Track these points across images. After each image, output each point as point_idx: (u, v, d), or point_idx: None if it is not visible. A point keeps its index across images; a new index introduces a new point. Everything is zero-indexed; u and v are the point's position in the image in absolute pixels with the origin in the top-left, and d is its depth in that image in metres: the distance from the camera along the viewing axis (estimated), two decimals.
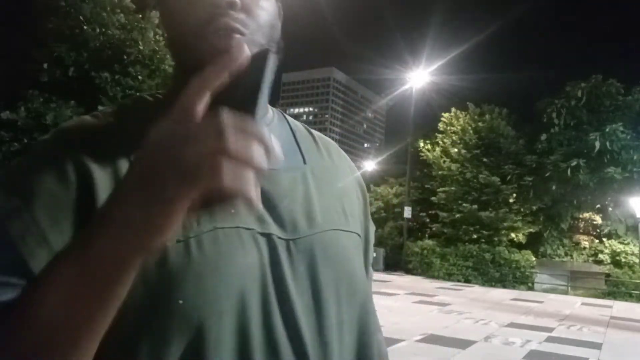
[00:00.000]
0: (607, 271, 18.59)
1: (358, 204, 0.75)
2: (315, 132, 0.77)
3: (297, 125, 0.75)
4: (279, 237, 0.59)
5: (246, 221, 0.58)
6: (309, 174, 0.68)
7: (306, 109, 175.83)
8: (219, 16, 0.57)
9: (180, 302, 0.52)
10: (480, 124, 22.45)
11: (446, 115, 23.89)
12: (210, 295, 0.52)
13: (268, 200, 0.60)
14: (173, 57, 0.65)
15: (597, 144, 18.46)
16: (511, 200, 21.17)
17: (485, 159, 21.38)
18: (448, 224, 21.64)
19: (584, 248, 20.99)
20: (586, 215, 21.81)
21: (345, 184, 0.73)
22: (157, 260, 0.51)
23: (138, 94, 0.69)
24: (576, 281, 18.00)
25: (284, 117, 0.74)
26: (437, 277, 19.30)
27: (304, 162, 0.69)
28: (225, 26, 0.57)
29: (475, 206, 20.52)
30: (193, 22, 0.58)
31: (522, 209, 20.95)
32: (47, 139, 0.59)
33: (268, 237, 0.59)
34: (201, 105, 0.39)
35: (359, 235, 0.71)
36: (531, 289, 18.03)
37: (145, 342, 0.51)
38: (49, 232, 0.50)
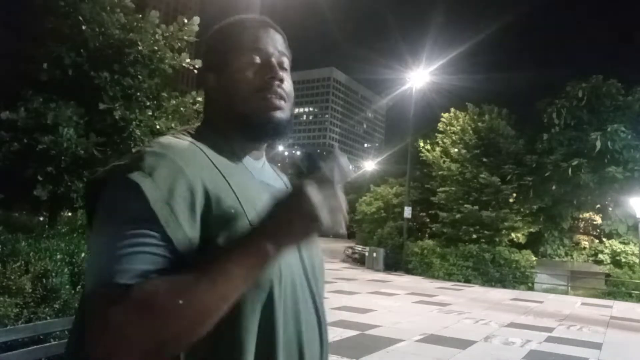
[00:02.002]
0: (607, 271, 18.59)
1: None
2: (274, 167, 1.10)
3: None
4: None
5: None
6: None
7: (306, 109, 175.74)
8: (275, 86, 0.90)
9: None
10: (480, 124, 22.45)
11: (446, 115, 23.88)
12: (279, 272, 0.81)
13: None
14: (223, 106, 0.92)
15: (598, 144, 18.45)
16: (511, 200, 21.15)
17: (485, 159, 21.37)
18: (448, 224, 21.63)
19: (584, 248, 20.98)
20: (586, 215, 21.80)
21: None
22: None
23: (186, 127, 0.94)
24: (576, 281, 17.99)
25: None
26: (437, 277, 19.29)
27: (286, 186, 1.01)
28: (279, 94, 0.91)
29: (476, 207, 20.50)
30: (255, 86, 0.90)
31: (522, 209, 20.94)
32: (162, 152, 0.79)
33: None
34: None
35: None
36: (531, 289, 18.02)
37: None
38: (184, 223, 0.74)
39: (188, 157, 0.80)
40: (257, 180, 0.91)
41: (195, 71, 7.00)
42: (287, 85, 0.94)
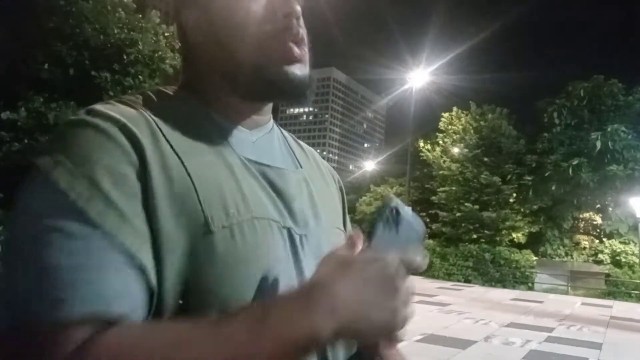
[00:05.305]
0: (607, 271, 18.58)
1: (338, 200, 0.84)
2: (300, 141, 0.84)
3: (286, 134, 0.82)
4: (295, 232, 0.66)
5: (273, 214, 0.64)
6: (307, 177, 0.75)
7: (306, 109, 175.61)
8: (295, 27, 0.65)
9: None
10: (482, 122, 22.44)
11: (446, 115, 23.87)
12: (248, 280, 0.57)
13: (283, 198, 0.67)
14: (211, 55, 0.67)
15: (598, 144, 18.43)
16: (511, 200, 21.15)
17: (485, 159, 21.36)
18: (448, 224, 21.63)
19: (584, 248, 20.97)
20: (586, 215, 21.80)
21: (329, 185, 0.83)
22: (206, 245, 0.55)
23: (158, 87, 0.70)
24: (576, 281, 17.98)
25: (277, 126, 0.80)
26: (437, 277, 19.29)
27: (300, 167, 0.76)
28: (301, 36, 0.66)
29: (476, 206, 20.50)
30: (266, 25, 0.64)
31: (522, 209, 20.94)
32: (94, 119, 0.56)
33: (288, 230, 0.65)
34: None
35: (344, 231, 0.81)
36: (531, 289, 18.02)
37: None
38: (126, 211, 0.52)
39: (129, 125, 0.57)
40: (236, 157, 0.64)
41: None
42: (304, 30, 0.68)
